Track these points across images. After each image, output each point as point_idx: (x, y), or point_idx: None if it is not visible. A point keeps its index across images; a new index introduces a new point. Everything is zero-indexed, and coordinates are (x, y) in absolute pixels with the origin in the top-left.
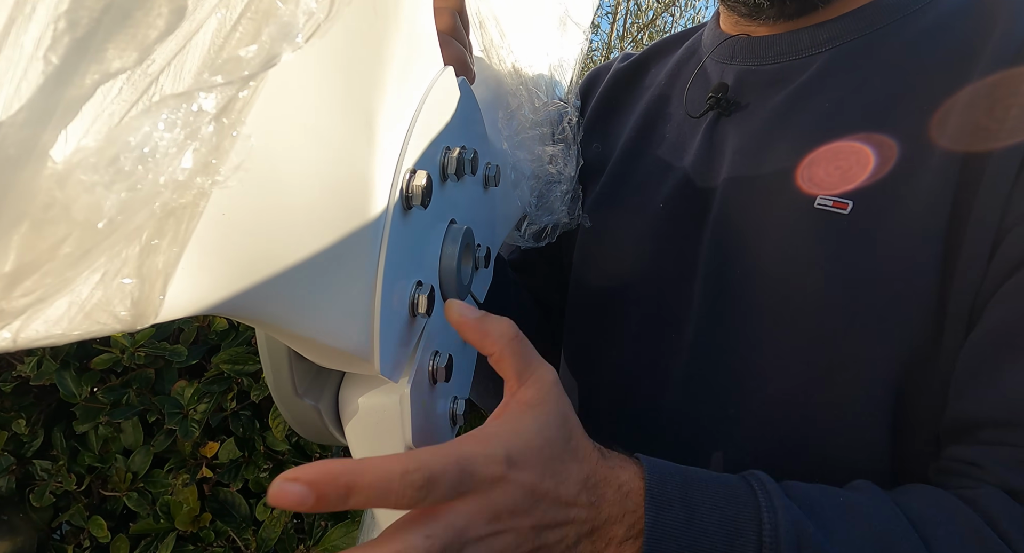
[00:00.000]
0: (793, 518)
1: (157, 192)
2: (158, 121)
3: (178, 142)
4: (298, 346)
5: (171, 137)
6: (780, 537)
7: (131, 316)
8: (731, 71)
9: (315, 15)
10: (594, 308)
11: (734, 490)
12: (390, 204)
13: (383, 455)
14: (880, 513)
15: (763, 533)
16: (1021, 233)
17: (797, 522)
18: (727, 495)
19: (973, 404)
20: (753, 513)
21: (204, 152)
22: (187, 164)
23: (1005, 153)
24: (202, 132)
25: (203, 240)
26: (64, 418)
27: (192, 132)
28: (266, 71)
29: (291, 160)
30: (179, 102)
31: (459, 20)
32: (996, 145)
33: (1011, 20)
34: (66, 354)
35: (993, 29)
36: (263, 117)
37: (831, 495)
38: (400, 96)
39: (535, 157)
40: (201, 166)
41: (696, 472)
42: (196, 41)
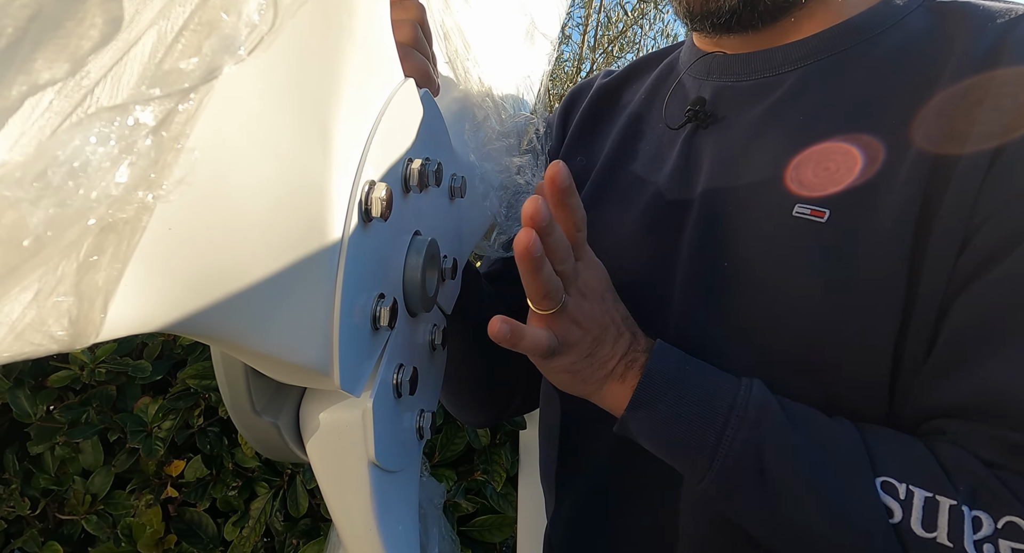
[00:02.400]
0: (764, 395)
1: (89, 207)
2: (90, 134)
3: (112, 156)
4: (255, 362)
5: (104, 151)
6: (751, 401)
7: (69, 335)
8: (708, 86)
9: (258, 28)
10: None
11: (724, 374)
12: (348, 217)
13: None
14: (835, 423)
15: (738, 395)
16: (990, 229)
17: (767, 398)
18: (716, 372)
19: (950, 394)
20: (735, 384)
21: (141, 166)
22: (122, 178)
23: (972, 158)
24: (139, 146)
25: (149, 256)
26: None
27: (127, 146)
28: (207, 84)
29: (242, 173)
30: (113, 115)
31: (421, 31)
32: (963, 150)
33: (971, 39)
34: (20, 372)
35: (955, 47)
36: (211, 130)
37: (799, 404)
38: (358, 108)
39: (503, 168)
40: (139, 180)
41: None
42: (135, 53)
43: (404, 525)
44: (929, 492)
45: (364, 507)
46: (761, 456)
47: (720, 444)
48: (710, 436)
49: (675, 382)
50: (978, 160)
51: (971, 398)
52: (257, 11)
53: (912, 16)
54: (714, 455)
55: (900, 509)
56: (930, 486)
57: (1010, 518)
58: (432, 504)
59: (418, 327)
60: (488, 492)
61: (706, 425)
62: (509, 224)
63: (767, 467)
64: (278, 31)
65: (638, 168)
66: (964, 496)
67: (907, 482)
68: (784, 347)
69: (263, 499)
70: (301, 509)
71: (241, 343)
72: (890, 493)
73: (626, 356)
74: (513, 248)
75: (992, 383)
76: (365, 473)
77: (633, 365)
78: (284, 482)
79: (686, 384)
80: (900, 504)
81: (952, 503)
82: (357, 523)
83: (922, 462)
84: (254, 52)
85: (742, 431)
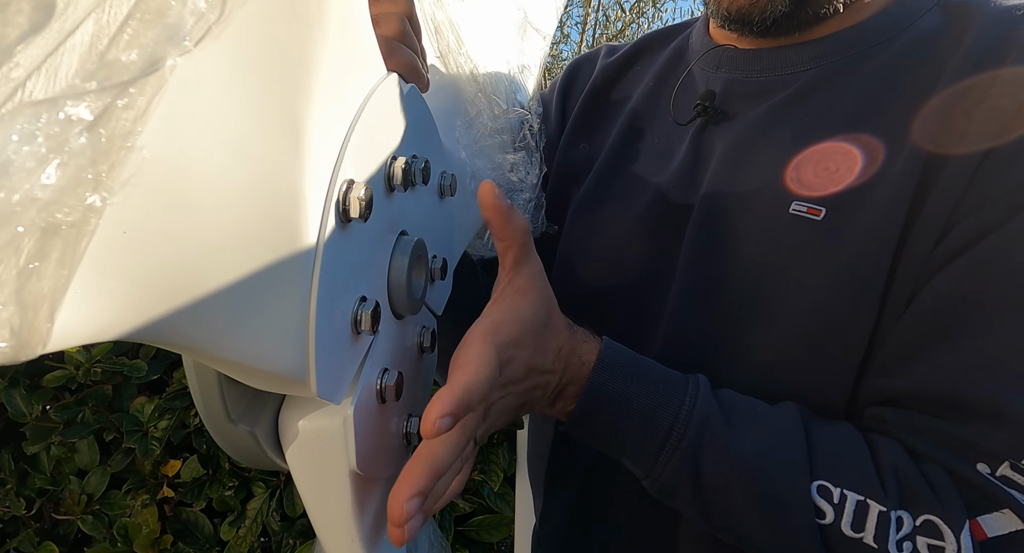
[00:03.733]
0: (708, 408)
1: (11, 212)
2: (11, 133)
3: (38, 156)
4: (228, 370)
5: (29, 150)
6: (692, 419)
7: (11, 347)
8: (717, 79)
9: (205, 16)
10: (577, 305)
11: (673, 377)
12: (324, 218)
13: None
14: (782, 424)
15: (680, 413)
16: (962, 228)
17: (710, 412)
18: (665, 379)
19: (896, 380)
20: (679, 398)
21: (76, 166)
22: (49, 180)
23: (964, 157)
24: (71, 144)
25: (102, 260)
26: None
27: (57, 145)
28: (148, 76)
29: (205, 173)
30: (39, 111)
31: (409, 25)
32: (958, 150)
33: (976, 37)
34: (15, 372)
35: (961, 45)
36: (167, 127)
37: (748, 403)
38: (334, 104)
39: (496, 165)
40: (74, 181)
41: (645, 359)
42: (73, 43)
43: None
44: (861, 496)
45: (345, 516)
46: (699, 471)
47: (659, 458)
48: (650, 449)
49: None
50: (969, 159)
51: (910, 387)
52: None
53: (925, 17)
54: (652, 467)
55: (832, 512)
56: (863, 490)
57: (927, 516)
58: None
59: (405, 330)
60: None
61: (648, 438)
62: None
63: (704, 482)
64: (227, 20)
65: (645, 162)
66: (893, 499)
67: (842, 486)
68: (773, 342)
69: (260, 499)
70: (298, 509)
71: (211, 351)
72: (824, 496)
73: (556, 389)
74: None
75: (932, 374)
76: (346, 482)
77: (561, 397)
78: (281, 482)
79: (629, 398)
80: (833, 507)
81: (882, 509)
82: (338, 533)
83: (859, 464)
84: (201, 43)
85: (680, 450)
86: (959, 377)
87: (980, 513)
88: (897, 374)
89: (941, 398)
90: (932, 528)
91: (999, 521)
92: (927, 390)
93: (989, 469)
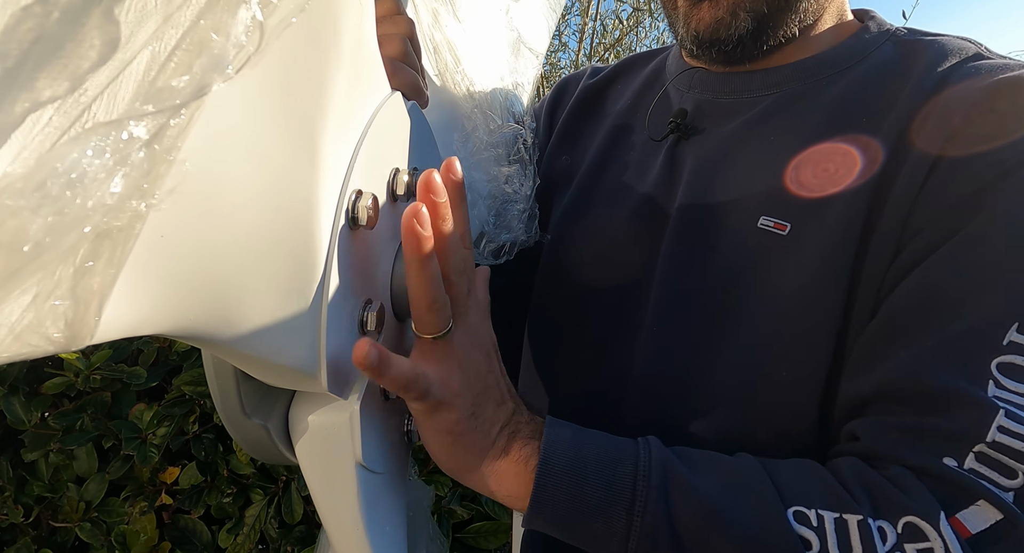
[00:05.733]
0: (664, 456)
1: (85, 216)
2: (87, 148)
3: (107, 168)
4: (244, 365)
5: (100, 163)
6: (652, 467)
7: (64, 337)
8: (689, 99)
9: (245, 48)
10: (559, 310)
11: (620, 440)
12: (336, 225)
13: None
14: (742, 464)
15: (639, 464)
16: (917, 242)
17: (667, 458)
18: (613, 440)
19: (859, 385)
20: (633, 450)
21: (134, 177)
22: (116, 189)
23: (908, 177)
24: (132, 158)
25: (142, 261)
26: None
27: (122, 158)
28: (198, 100)
29: (232, 183)
30: (108, 130)
31: (410, 46)
32: (902, 170)
33: (925, 71)
34: (14, 378)
35: (910, 79)
36: (202, 142)
37: (699, 450)
38: (345, 121)
39: (491, 177)
40: (132, 190)
41: (587, 430)
42: (130, 71)
43: (392, 525)
44: (836, 513)
45: (352, 507)
46: (673, 522)
47: (632, 521)
48: (620, 514)
49: (573, 467)
50: (914, 180)
51: (872, 388)
52: (244, 33)
53: (879, 51)
54: (628, 533)
55: (816, 538)
56: (836, 506)
57: (906, 519)
58: (420, 506)
59: (407, 332)
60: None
61: (615, 498)
62: (497, 232)
63: (680, 531)
64: (264, 51)
65: (623, 175)
66: (866, 507)
67: (815, 507)
68: (743, 351)
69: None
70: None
71: (232, 345)
72: (803, 522)
73: (508, 425)
74: (401, 224)
75: (890, 370)
76: (352, 474)
77: (516, 437)
78: (279, 489)
79: (584, 468)
80: (815, 532)
81: (859, 518)
82: (345, 523)
83: (823, 482)
84: (241, 70)
85: (650, 502)
86: (916, 372)
87: (957, 509)
88: (858, 381)
89: (900, 395)
90: (914, 531)
91: (977, 514)
92: (886, 390)
93: (956, 462)
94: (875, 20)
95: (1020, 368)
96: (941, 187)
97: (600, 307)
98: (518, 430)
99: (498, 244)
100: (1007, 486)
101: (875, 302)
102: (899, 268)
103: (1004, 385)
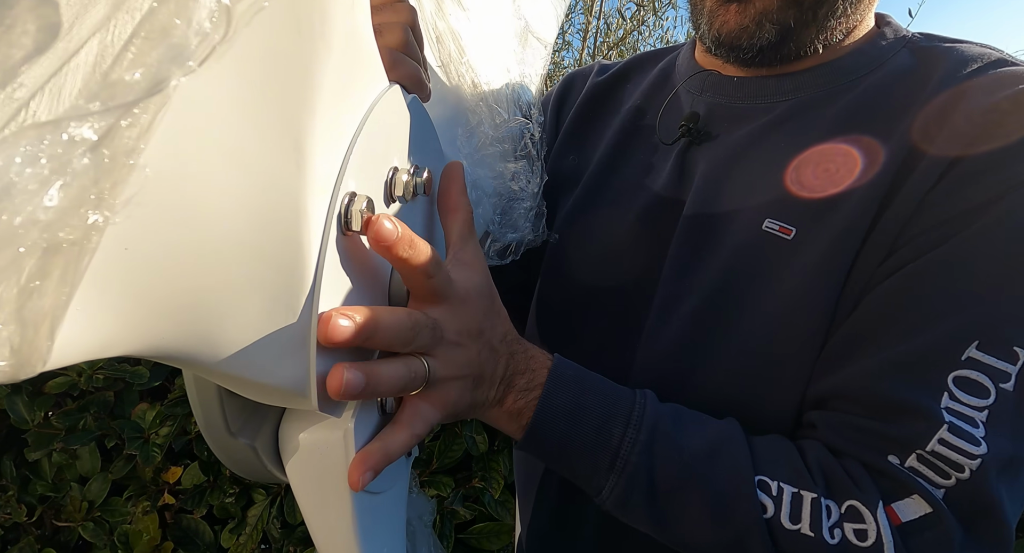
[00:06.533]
0: (657, 412)
1: (14, 234)
2: (15, 155)
3: (41, 177)
4: (228, 384)
5: (32, 172)
6: (644, 422)
7: (11, 366)
8: (702, 103)
9: (209, 36)
10: (561, 310)
11: (620, 390)
12: (327, 231)
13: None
14: (724, 427)
15: (632, 417)
16: (907, 249)
17: (660, 415)
18: (614, 388)
19: (824, 383)
20: (629, 404)
21: (78, 186)
22: (51, 202)
23: (912, 188)
24: (74, 165)
25: (104, 278)
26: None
27: (60, 166)
28: (153, 97)
29: (208, 190)
30: (43, 133)
31: (411, 36)
32: (908, 182)
33: (943, 79)
34: None
35: (927, 87)
36: (169, 145)
37: (691, 411)
38: (336, 118)
39: (496, 174)
40: (76, 202)
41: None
42: (77, 63)
43: (390, 547)
44: (795, 488)
45: (346, 531)
46: (652, 474)
47: (615, 465)
48: (603, 461)
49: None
50: (922, 185)
51: (834, 389)
52: (209, 19)
53: (895, 58)
54: (608, 476)
55: (772, 505)
56: (797, 483)
57: (850, 502)
58: (421, 522)
59: None
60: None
61: (602, 446)
62: (503, 232)
63: (657, 485)
64: (231, 40)
65: (631, 177)
66: (820, 488)
67: (778, 479)
68: (736, 352)
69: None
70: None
71: (212, 365)
72: (764, 491)
73: (504, 379)
74: None
75: (853, 376)
76: (347, 496)
77: (511, 389)
78: (281, 489)
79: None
80: (772, 500)
81: (813, 496)
82: (339, 548)
83: (790, 460)
84: (206, 63)
85: (634, 454)
86: (877, 378)
87: (894, 500)
88: (825, 377)
89: (859, 397)
90: (855, 513)
91: (910, 506)
92: (848, 390)
93: (899, 460)
94: (891, 26)
95: (974, 382)
96: (947, 196)
97: (602, 308)
98: (513, 384)
99: (504, 244)
100: (940, 484)
101: (855, 301)
102: (884, 270)
103: (957, 398)
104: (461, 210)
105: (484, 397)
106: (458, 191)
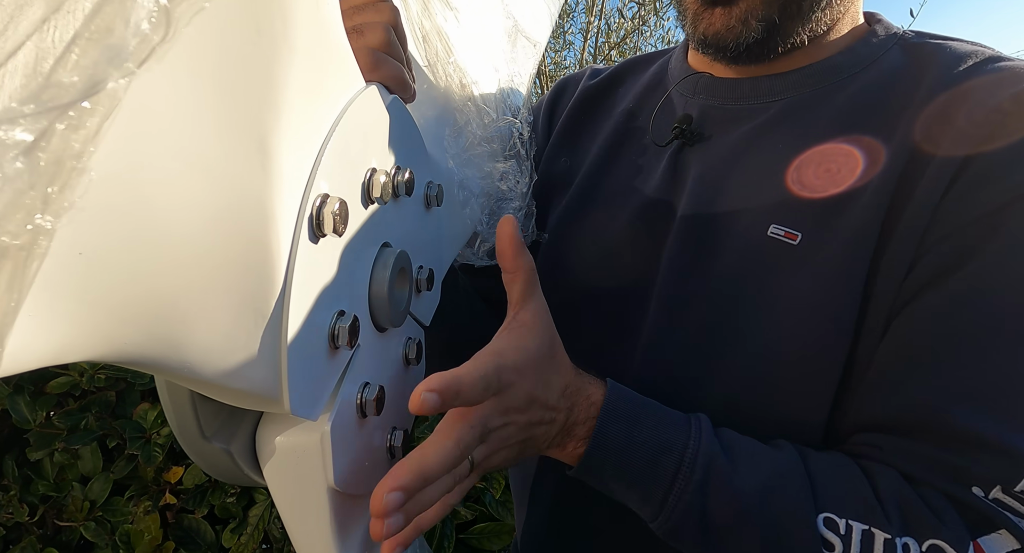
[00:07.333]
0: (712, 450)
1: None
2: None
3: None
4: (200, 388)
5: None
6: (698, 461)
7: None
8: (695, 104)
9: (148, 37)
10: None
11: (676, 418)
12: (297, 234)
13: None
14: (782, 459)
15: (686, 455)
16: (933, 256)
17: (715, 454)
18: (669, 421)
19: (883, 408)
20: (683, 439)
21: (13, 190)
22: None
23: (927, 188)
24: (6, 169)
25: (56, 283)
26: (17, 445)
27: None
28: (99, 100)
29: (165, 192)
30: None
31: (394, 35)
32: (921, 179)
33: (938, 77)
34: (19, 378)
35: (922, 85)
36: (122, 147)
37: (749, 442)
38: (305, 119)
39: (485, 174)
40: (12, 206)
41: (650, 401)
42: (14, 65)
43: (369, 549)
44: (866, 525)
45: (324, 535)
46: (705, 512)
47: (666, 502)
48: (657, 493)
49: (622, 443)
50: (937, 188)
51: (902, 416)
52: (147, 19)
53: (887, 55)
54: (660, 511)
55: (840, 543)
56: (867, 519)
57: (933, 541)
58: None
59: (389, 342)
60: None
61: (655, 482)
62: (492, 232)
63: (710, 522)
64: (173, 41)
65: (623, 179)
66: (896, 526)
67: (847, 517)
68: (749, 360)
69: (261, 506)
70: None
71: (179, 371)
72: (831, 529)
73: (564, 429)
74: None
75: (920, 402)
76: (324, 499)
77: (571, 438)
78: None
79: (633, 443)
80: (840, 539)
81: (887, 537)
82: (317, 550)
83: (859, 493)
84: (146, 64)
85: (687, 493)
86: (943, 406)
87: (980, 534)
88: (883, 402)
89: (927, 426)
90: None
91: (997, 542)
92: (914, 418)
93: (983, 492)
94: (882, 23)
95: None
96: (963, 200)
97: (597, 311)
98: (570, 432)
99: (492, 244)
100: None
101: (888, 316)
102: (915, 282)
103: None
104: (520, 271)
105: (535, 449)
106: (514, 252)
